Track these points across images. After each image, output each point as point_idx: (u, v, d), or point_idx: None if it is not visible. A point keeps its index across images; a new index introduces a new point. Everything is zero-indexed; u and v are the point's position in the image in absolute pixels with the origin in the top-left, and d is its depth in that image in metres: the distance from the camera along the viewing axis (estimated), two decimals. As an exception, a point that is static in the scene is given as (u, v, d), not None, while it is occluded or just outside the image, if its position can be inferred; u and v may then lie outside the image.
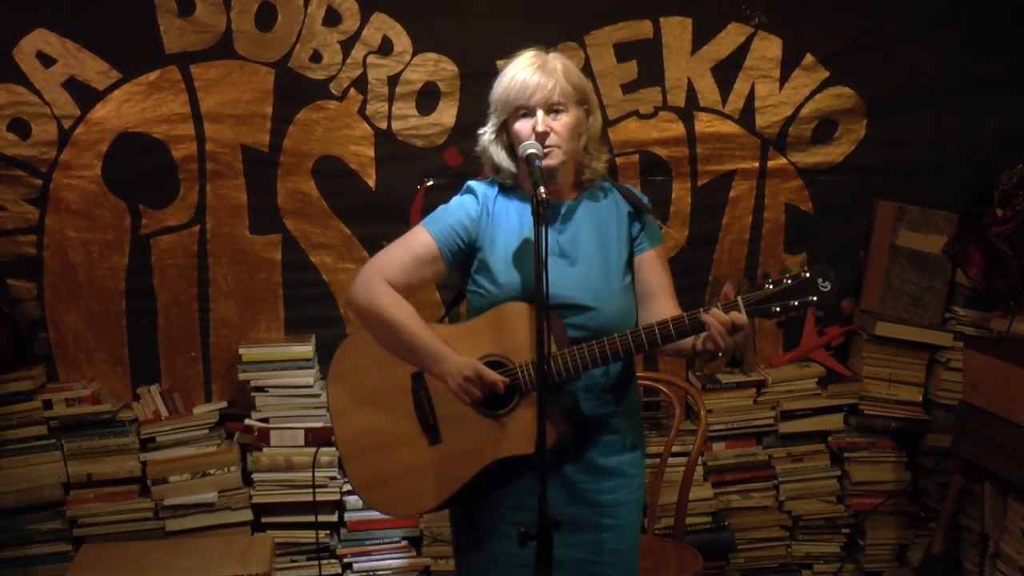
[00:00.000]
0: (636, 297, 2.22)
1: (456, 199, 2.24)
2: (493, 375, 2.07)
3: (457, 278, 2.30)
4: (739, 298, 2.00)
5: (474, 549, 2.22)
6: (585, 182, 2.22)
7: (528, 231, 2.14)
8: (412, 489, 2.17)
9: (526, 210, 2.16)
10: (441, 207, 2.24)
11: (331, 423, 2.24)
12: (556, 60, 2.15)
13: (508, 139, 2.17)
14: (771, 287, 1.99)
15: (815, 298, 1.98)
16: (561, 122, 2.11)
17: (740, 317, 1.97)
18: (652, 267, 2.22)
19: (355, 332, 2.25)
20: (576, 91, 2.14)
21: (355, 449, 2.21)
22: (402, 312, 2.14)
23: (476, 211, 2.18)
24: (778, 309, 1.98)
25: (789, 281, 1.98)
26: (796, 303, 1.98)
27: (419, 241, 2.17)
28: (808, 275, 1.98)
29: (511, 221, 2.17)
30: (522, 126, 2.11)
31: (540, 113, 2.09)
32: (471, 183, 2.25)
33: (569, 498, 2.10)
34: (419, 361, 2.14)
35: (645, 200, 2.26)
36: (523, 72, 2.11)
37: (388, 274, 2.15)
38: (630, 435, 2.23)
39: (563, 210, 2.19)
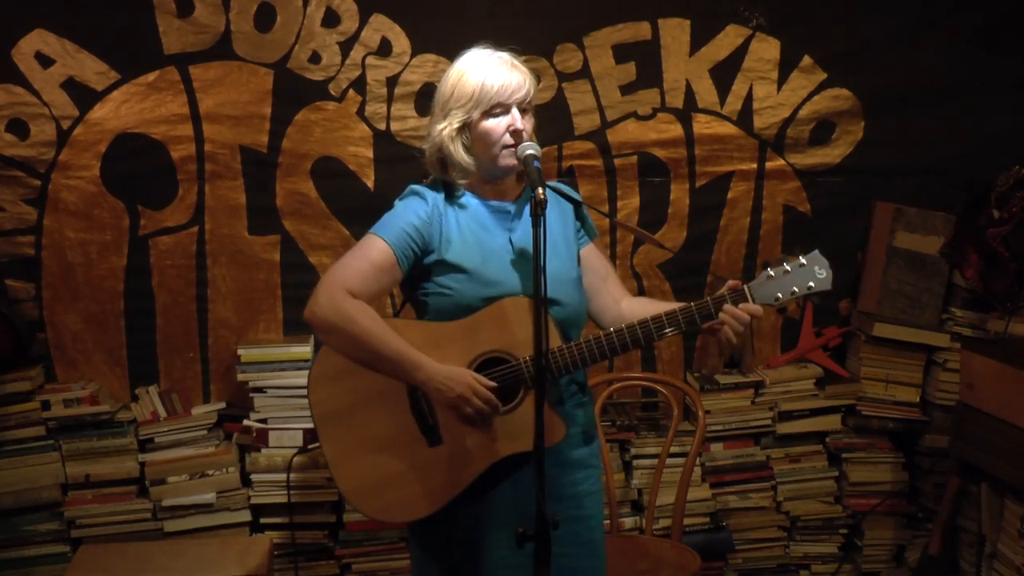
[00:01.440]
0: (586, 288, 2.25)
1: (402, 204, 2.20)
2: (486, 391, 2.05)
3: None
4: (746, 287, 2.07)
5: (456, 557, 2.19)
6: (525, 181, 2.21)
7: (483, 228, 2.16)
8: (413, 494, 2.13)
9: (477, 207, 2.18)
10: (388, 213, 2.19)
11: (316, 430, 2.17)
12: (519, 60, 2.16)
13: (468, 137, 2.14)
14: (772, 275, 2.07)
15: (812, 284, 2.07)
16: (530, 123, 2.14)
17: (757, 309, 2.06)
18: (597, 256, 2.30)
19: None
20: (534, 94, 2.17)
21: (346, 457, 2.15)
22: (371, 321, 2.08)
23: (427, 213, 2.15)
24: (780, 296, 2.07)
25: (788, 269, 2.07)
26: (796, 290, 2.07)
27: (375, 249, 2.12)
28: (805, 263, 2.08)
29: (464, 219, 2.16)
30: (494, 124, 2.11)
31: (516, 111, 2.10)
32: (415, 186, 2.21)
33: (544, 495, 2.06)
34: (395, 370, 2.08)
35: (578, 196, 2.28)
36: (499, 70, 2.11)
37: (350, 285, 2.09)
38: (590, 426, 2.27)
39: (512, 210, 2.20)
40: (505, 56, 2.15)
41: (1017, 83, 3.61)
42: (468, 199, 2.20)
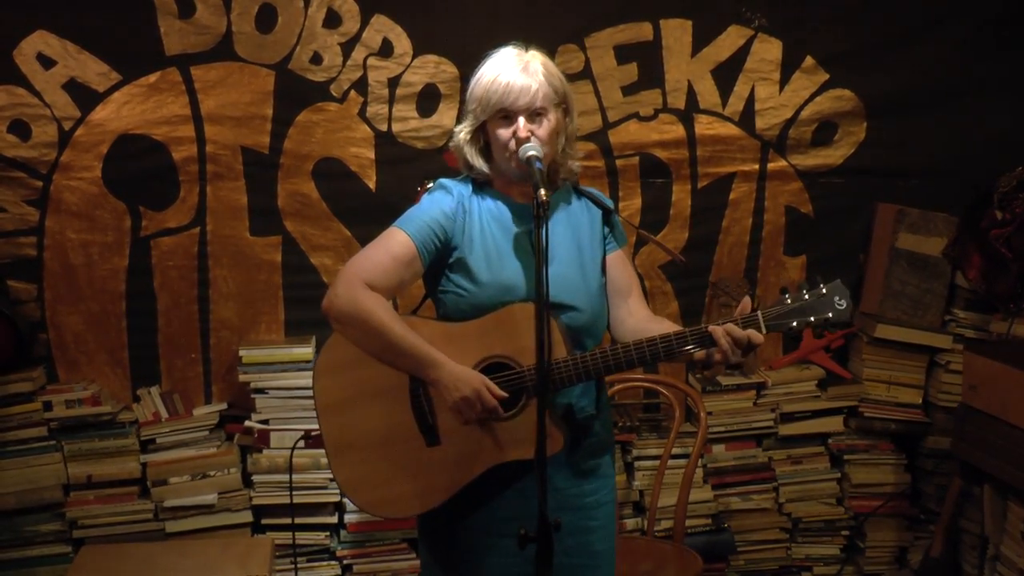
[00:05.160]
0: (607, 297, 2.21)
1: (428, 197, 2.18)
2: (492, 400, 2.03)
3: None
4: (759, 312, 2.01)
5: (459, 563, 2.18)
6: (559, 182, 2.19)
7: (505, 229, 2.14)
8: (404, 491, 2.12)
9: (502, 208, 2.15)
10: (413, 207, 2.18)
11: (317, 419, 2.16)
12: (538, 62, 2.11)
13: (485, 138, 2.14)
14: (789, 302, 2.01)
15: (831, 315, 2.01)
16: (542, 127, 2.08)
17: (757, 336, 1.99)
18: (623, 265, 2.24)
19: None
20: (557, 94, 2.11)
21: (343, 446, 2.14)
22: (389, 315, 2.07)
23: (451, 209, 2.14)
24: (795, 324, 2.02)
25: (807, 297, 2.01)
26: (812, 319, 2.01)
27: (396, 242, 2.10)
28: (825, 292, 2.01)
29: (487, 219, 2.15)
30: (503, 129, 2.08)
31: (521, 119, 2.06)
32: (443, 181, 2.20)
33: (555, 504, 1.99)
34: (411, 366, 2.07)
35: (609, 202, 2.26)
36: (506, 74, 2.07)
37: (369, 277, 2.08)
38: (605, 435, 2.23)
39: None
40: (526, 56, 2.11)
41: (1019, 84, 3.60)
42: (495, 198, 2.17)
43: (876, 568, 3.62)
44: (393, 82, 3.44)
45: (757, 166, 3.62)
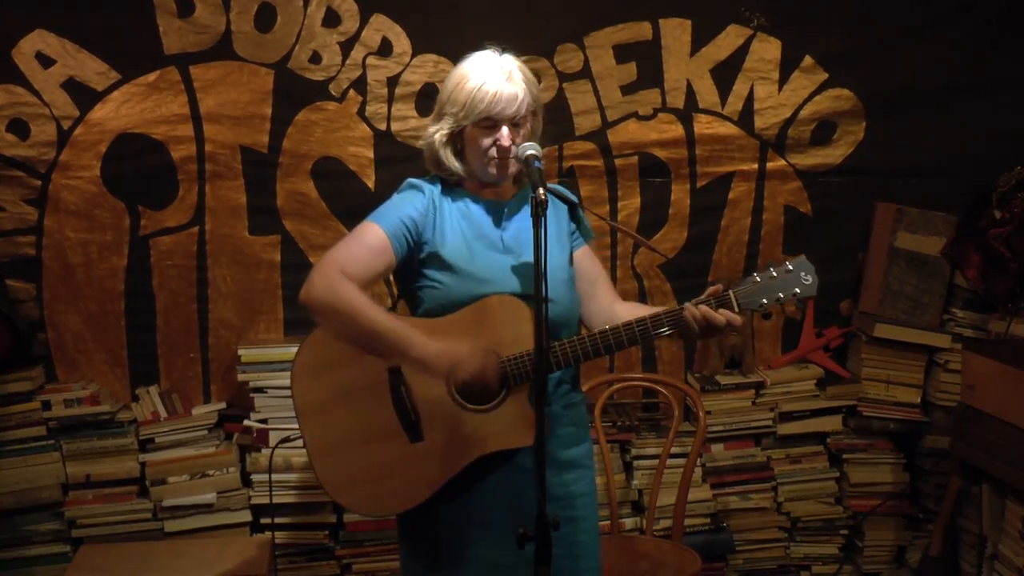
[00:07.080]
0: (577, 291, 2.25)
1: (399, 195, 2.22)
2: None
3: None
4: (730, 292, 2.09)
5: (440, 556, 2.18)
6: (523, 180, 2.23)
7: (475, 225, 2.17)
8: (391, 488, 2.13)
9: (471, 205, 2.19)
10: (385, 203, 2.21)
11: (297, 421, 2.16)
12: (517, 69, 2.14)
13: (461, 141, 2.17)
14: (758, 280, 2.09)
15: (798, 290, 2.09)
16: (520, 134, 2.13)
17: (735, 318, 2.07)
18: (591, 259, 2.30)
19: (321, 328, 2.17)
20: (535, 101, 2.16)
21: (326, 448, 2.14)
22: (367, 301, 2.09)
23: (423, 205, 2.17)
24: (765, 301, 2.09)
25: (774, 274, 2.09)
26: (781, 295, 2.09)
27: (371, 235, 2.14)
28: (791, 269, 2.09)
29: (457, 216, 2.18)
30: (482, 136, 2.12)
31: (505, 128, 2.10)
32: (413, 180, 2.24)
33: (534, 493, 1.96)
34: (391, 348, 2.08)
35: (573, 197, 2.28)
36: (492, 82, 2.09)
37: (344, 267, 2.10)
38: (582, 427, 2.27)
39: (507, 208, 2.21)
40: (507, 64, 2.13)
41: (1017, 83, 3.60)
42: (464, 195, 2.21)
43: (875, 567, 3.62)
44: (392, 81, 3.44)
45: (756, 165, 3.62)
